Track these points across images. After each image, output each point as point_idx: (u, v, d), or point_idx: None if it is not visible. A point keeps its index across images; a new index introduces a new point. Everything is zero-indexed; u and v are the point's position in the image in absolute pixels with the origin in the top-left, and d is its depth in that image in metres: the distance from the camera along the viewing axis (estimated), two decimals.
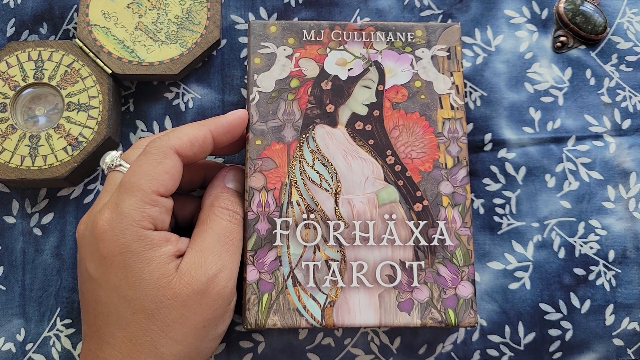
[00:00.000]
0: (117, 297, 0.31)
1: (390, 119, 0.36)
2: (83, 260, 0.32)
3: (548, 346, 0.39)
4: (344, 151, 0.36)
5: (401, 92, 0.37)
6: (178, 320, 0.31)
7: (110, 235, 0.31)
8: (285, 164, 0.35)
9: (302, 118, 0.36)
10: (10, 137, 0.39)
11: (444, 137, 0.36)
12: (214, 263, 0.32)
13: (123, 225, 0.31)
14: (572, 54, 0.43)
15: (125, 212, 0.31)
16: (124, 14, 0.41)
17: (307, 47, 0.37)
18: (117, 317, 0.31)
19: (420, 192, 0.35)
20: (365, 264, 0.34)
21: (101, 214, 0.31)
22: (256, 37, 0.37)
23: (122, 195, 0.31)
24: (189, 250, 0.32)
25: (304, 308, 0.34)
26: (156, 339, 0.31)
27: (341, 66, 0.37)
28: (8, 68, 0.40)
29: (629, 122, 0.42)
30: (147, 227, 0.31)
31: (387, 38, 0.38)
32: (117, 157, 0.35)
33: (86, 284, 0.32)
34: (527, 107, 0.42)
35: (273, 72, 0.37)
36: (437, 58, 0.37)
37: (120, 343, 0.31)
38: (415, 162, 0.36)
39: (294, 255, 0.34)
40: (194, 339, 0.32)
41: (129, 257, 0.31)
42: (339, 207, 0.35)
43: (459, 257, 0.35)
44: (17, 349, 0.39)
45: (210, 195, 0.35)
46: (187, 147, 0.33)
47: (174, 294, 0.31)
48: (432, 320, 0.34)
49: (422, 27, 0.38)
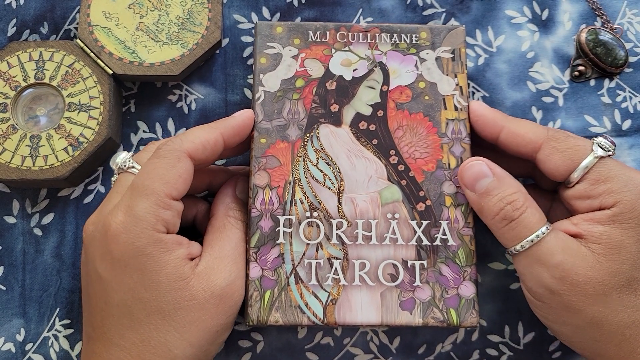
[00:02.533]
0: (132, 298, 0.31)
1: (394, 119, 0.37)
2: (92, 261, 0.32)
3: (547, 346, 0.39)
4: (348, 150, 0.36)
5: (405, 92, 0.37)
6: (194, 323, 0.31)
7: (125, 238, 0.31)
8: (289, 163, 0.36)
9: (307, 117, 0.36)
10: (11, 137, 0.39)
11: (448, 138, 0.36)
12: (232, 270, 0.33)
13: (138, 228, 0.31)
14: None
15: (139, 215, 0.31)
16: (125, 15, 0.41)
17: (312, 48, 0.38)
18: (130, 319, 0.31)
19: (423, 192, 0.36)
20: (368, 263, 0.34)
21: (113, 216, 0.31)
22: (262, 37, 0.38)
23: (135, 198, 0.31)
24: (206, 255, 0.33)
25: (305, 305, 0.34)
26: (171, 341, 0.31)
27: (346, 67, 0.37)
28: (9, 68, 0.40)
29: (629, 123, 0.42)
30: (160, 230, 0.31)
31: (392, 39, 0.38)
32: (128, 158, 0.34)
33: (94, 285, 0.32)
34: (530, 106, 0.42)
35: (279, 72, 0.37)
36: (442, 60, 0.38)
37: (130, 345, 0.31)
38: (419, 162, 0.36)
39: (296, 252, 0.34)
40: (206, 342, 0.32)
41: (144, 260, 0.31)
42: (342, 205, 0.35)
43: (461, 257, 0.35)
44: (17, 349, 0.39)
45: (223, 204, 0.36)
46: (200, 151, 0.33)
47: (191, 296, 0.31)
48: (434, 319, 0.34)
49: (427, 29, 0.38)
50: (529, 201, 0.33)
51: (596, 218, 0.32)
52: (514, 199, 0.33)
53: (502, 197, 0.33)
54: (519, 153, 0.35)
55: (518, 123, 0.35)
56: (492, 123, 0.35)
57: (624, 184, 0.32)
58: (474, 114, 0.36)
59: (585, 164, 0.33)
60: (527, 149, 0.34)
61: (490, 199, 0.33)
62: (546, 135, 0.34)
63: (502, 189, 0.33)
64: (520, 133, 0.35)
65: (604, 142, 0.33)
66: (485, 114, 0.36)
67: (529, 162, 0.36)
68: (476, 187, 0.34)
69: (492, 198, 0.33)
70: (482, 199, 0.34)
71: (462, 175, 0.35)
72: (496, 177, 0.34)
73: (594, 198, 0.33)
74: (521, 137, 0.34)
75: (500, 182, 0.33)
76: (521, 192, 0.33)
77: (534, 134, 0.34)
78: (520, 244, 0.32)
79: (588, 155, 0.33)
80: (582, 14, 0.44)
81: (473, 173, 0.34)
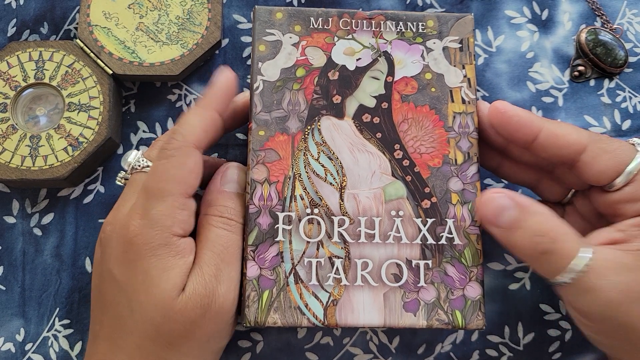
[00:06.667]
0: (135, 302, 0.31)
1: (399, 112, 0.35)
2: (107, 262, 0.32)
3: (547, 346, 0.39)
4: (351, 144, 0.35)
5: (411, 84, 0.36)
6: (183, 335, 0.31)
7: (142, 240, 0.30)
8: (289, 156, 0.34)
9: (308, 109, 0.35)
10: (11, 137, 0.39)
11: (455, 132, 0.35)
12: (213, 276, 0.31)
13: (154, 230, 0.30)
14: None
15: (156, 218, 0.31)
16: (125, 15, 0.41)
17: (314, 35, 0.36)
18: (132, 322, 0.31)
19: (428, 189, 0.34)
20: (370, 262, 0.33)
21: (132, 219, 0.31)
22: (261, 23, 0.36)
23: (151, 201, 0.31)
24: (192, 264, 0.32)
25: (305, 306, 0.33)
26: (163, 351, 0.31)
27: (349, 56, 0.36)
28: (9, 68, 0.40)
29: (629, 123, 0.42)
30: (178, 233, 0.31)
31: (397, 28, 0.36)
32: (140, 157, 0.34)
33: (108, 284, 0.32)
34: (530, 106, 0.42)
35: (278, 61, 0.35)
36: (449, 50, 0.36)
37: (130, 349, 0.31)
38: (424, 157, 0.35)
39: (296, 251, 0.33)
40: (198, 351, 0.32)
41: (152, 262, 0.30)
42: (344, 202, 0.34)
43: (467, 257, 0.34)
44: (17, 349, 0.39)
45: (204, 202, 0.34)
46: (203, 137, 0.32)
47: (181, 309, 0.30)
48: (439, 321, 0.33)
49: (434, 17, 0.36)
50: (562, 227, 0.30)
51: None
52: (546, 229, 0.30)
53: (532, 229, 0.30)
54: (558, 156, 0.33)
55: (558, 124, 0.33)
56: (529, 124, 0.33)
57: None
58: (505, 114, 0.33)
59: (634, 165, 0.31)
60: (570, 150, 0.32)
61: (519, 233, 0.30)
62: (589, 136, 0.32)
63: (530, 220, 0.30)
64: (562, 134, 0.32)
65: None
66: (520, 114, 0.33)
67: (534, 172, 0.35)
68: (499, 221, 0.31)
69: (520, 231, 0.30)
70: (509, 234, 0.30)
71: (481, 211, 0.32)
72: (520, 208, 0.30)
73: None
74: (564, 139, 0.32)
75: (526, 213, 0.30)
76: (552, 218, 0.30)
77: (578, 134, 0.32)
78: (568, 276, 0.29)
79: (635, 156, 0.31)
80: (582, 14, 0.44)
81: (492, 208, 0.31)
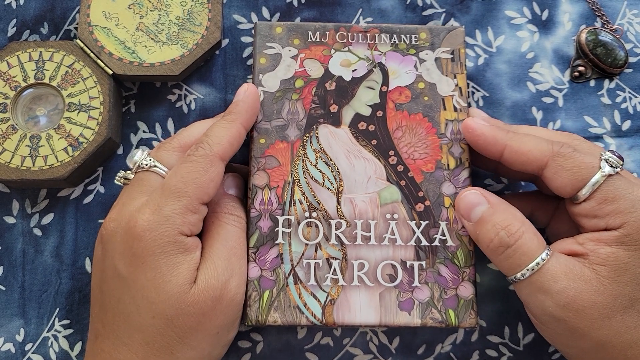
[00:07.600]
0: (141, 298, 0.31)
1: (394, 120, 0.37)
2: (111, 257, 0.32)
3: (547, 347, 0.39)
4: (347, 151, 0.36)
5: (405, 93, 0.37)
6: (194, 327, 0.31)
7: (150, 235, 0.31)
8: (288, 163, 0.36)
9: (306, 118, 0.37)
10: (11, 138, 0.39)
11: (447, 139, 0.37)
12: (225, 269, 0.32)
13: (163, 227, 0.31)
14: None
15: (167, 215, 0.31)
16: (125, 15, 0.41)
17: (312, 48, 0.38)
18: (138, 319, 0.31)
19: (422, 193, 0.36)
20: (367, 263, 0.35)
21: (141, 213, 0.31)
22: (262, 37, 0.38)
23: (166, 199, 0.32)
24: (202, 258, 0.33)
25: (304, 306, 0.34)
26: (172, 345, 0.31)
27: (345, 67, 0.38)
28: (9, 68, 0.40)
29: (629, 124, 0.42)
30: (184, 232, 0.32)
31: (391, 40, 0.38)
32: (147, 157, 0.34)
33: (111, 281, 0.32)
34: (530, 106, 0.42)
35: (278, 72, 0.37)
36: (441, 60, 0.38)
37: (137, 345, 0.31)
38: (418, 162, 0.36)
39: (295, 253, 0.35)
40: (207, 344, 0.32)
41: (161, 259, 0.31)
42: (341, 206, 0.35)
43: (460, 258, 0.35)
44: (17, 349, 0.39)
45: (212, 203, 0.35)
46: (228, 150, 0.34)
47: (194, 301, 0.31)
48: (433, 320, 0.34)
49: (427, 30, 0.38)
50: (525, 226, 0.32)
51: (603, 239, 0.31)
52: (508, 224, 0.32)
53: (496, 223, 0.32)
54: (524, 171, 0.34)
55: (521, 140, 0.34)
56: (493, 142, 0.34)
57: (632, 204, 0.31)
58: (473, 133, 0.35)
59: (593, 182, 0.32)
60: (533, 167, 0.33)
61: (485, 226, 0.33)
62: (551, 151, 0.33)
63: (496, 215, 0.33)
64: (524, 151, 0.33)
65: (611, 157, 0.32)
66: (486, 133, 0.34)
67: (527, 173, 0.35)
68: (471, 216, 0.34)
69: (486, 225, 0.33)
70: (478, 228, 0.33)
71: (457, 206, 0.35)
72: (490, 205, 0.33)
73: (600, 218, 0.32)
74: (525, 156, 0.33)
75: (495, 209, 0.33)
76: (517, 217, 0.33)
77: (539, 151, 0.33)
78: (520, 272, 0.32)
79: (595, 173, 0.32)
80: (582, 15, 0.44)
81: (467, 202, 0.34)
